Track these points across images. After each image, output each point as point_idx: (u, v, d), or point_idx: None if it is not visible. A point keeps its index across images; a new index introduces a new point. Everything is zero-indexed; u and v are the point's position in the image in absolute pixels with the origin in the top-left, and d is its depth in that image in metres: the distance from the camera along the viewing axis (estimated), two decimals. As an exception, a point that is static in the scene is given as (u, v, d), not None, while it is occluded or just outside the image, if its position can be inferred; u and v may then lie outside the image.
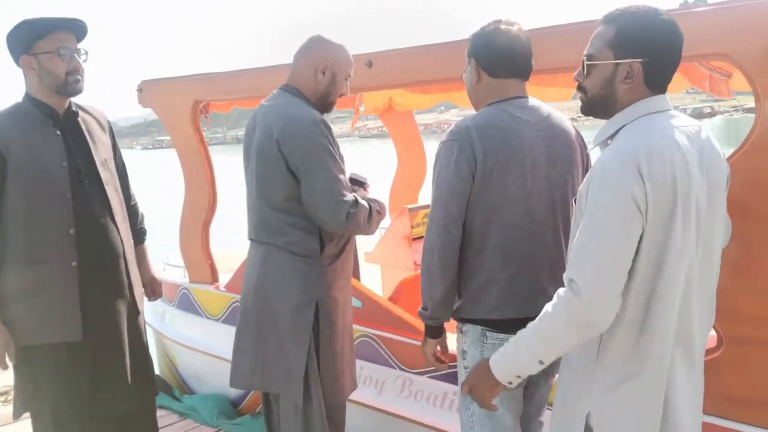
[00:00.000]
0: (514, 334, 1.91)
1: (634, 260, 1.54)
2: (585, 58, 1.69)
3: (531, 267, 2.07)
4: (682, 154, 1.55)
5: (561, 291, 1.59)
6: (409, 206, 4.41)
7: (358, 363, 3.17)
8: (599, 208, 1.54)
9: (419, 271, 3.69)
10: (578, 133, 2.20)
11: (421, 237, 4.44)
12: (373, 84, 3.16)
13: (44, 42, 2.37)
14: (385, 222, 5.18)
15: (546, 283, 2.06)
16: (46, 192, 2.38)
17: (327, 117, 2.54)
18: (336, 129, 2.58)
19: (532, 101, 2.15)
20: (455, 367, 2.27)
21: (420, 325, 3.04)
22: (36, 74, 2.40)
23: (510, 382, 1.73)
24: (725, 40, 2.01)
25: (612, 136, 1.66)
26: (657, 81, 1.64)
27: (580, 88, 1.73)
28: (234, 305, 3.81)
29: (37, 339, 2.41)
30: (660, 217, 1.52)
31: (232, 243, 5.22)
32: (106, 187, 2.54)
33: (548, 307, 1.61)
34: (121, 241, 2.57)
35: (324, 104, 2.53)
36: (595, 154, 1.78)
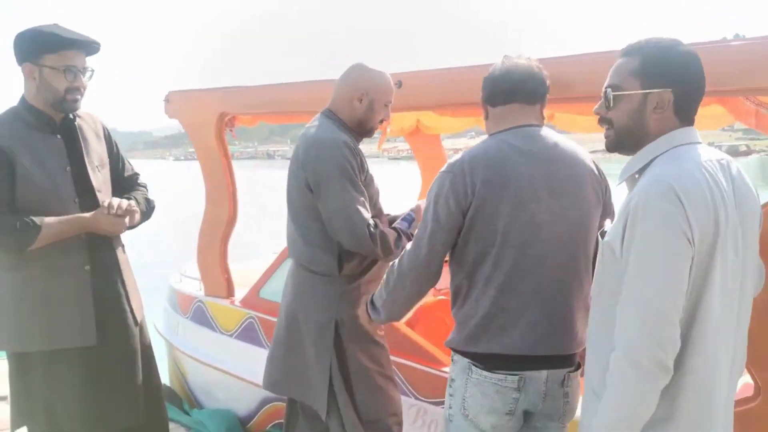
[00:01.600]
0: (501, 373, 1.97)
1: None
2: (609, 88, 1.63)
3: (524, 303, 1.98)
4: (717, 186, 1.49)
5: (619, 350, 1.50)
6: None
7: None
8: (649, 243, 1.46)
9: (439, 297, 3.65)
10: (596, 165, 2.11)
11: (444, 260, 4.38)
12: (402, 105, 3.09)
13: (53, 57, 2.36)
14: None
15: (538, 320, 1.98)
16: (54, 197, 2.38)
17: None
18: (364, 149, 2.55)
19: (539, 130, 2.06)
20: None
21: (440, 355, 2.97)
22: (35, 84, 2.39)
23: None
24: None
25: (641, 170, 1.59)
26: (686, 111, 1.61)
27: (603, 120, 1.67)
28: (248, 321, 3.74)
29: (52, 344, 2.38)
30: (702, 248, 1.46)
31: (247, 258, 5.18)
32: (98, 194, 2.52)
33: (616, 374, 1.51)
34: (119, 248, 2.60)
35: (363, 130, 2.60)
36: (621, 190, 1.70)
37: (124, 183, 2.74)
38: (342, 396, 2.47)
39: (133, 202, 2.56)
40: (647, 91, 1.59)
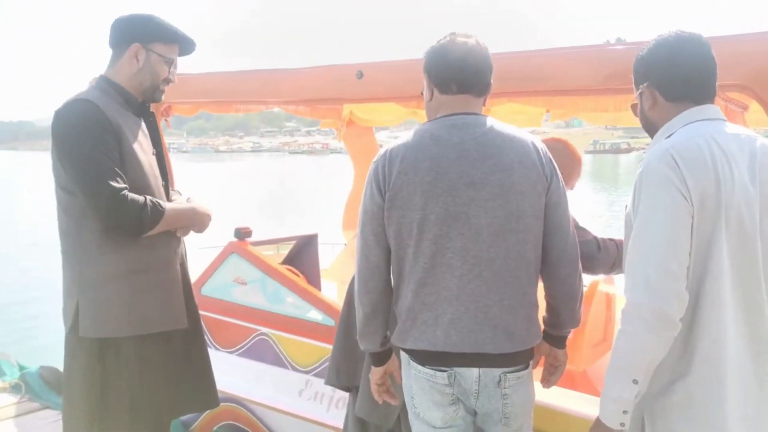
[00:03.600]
0: (430, 368, 1.95)
1: None
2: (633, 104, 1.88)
3: (444, 298, 1.93)
4: (723, 153, 1.58)
5: (626, 305, 1.58)
6: None
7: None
8: (647, 203, 1.57)
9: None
10: (541, 152, 1.98)
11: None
12: (363, 96, 3.05)
13: (164, 46, 2.41)
14: (341, 238, 5.12)
15: (461, 316, 1.92)
16: (151, 178, 2.36)
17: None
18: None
19: (471, 119, 1.97)
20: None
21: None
22: (138, 65, 2.38)
23: (622, 423, 1.65)
24: (743, 71, 2.03)
25: None
26: (681, 93, 1.72)
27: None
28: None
29: (146, 328, 2.33)
30: (705, 212, 1.55)
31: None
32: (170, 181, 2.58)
33: (623, 326, 1.59)
34: None
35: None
36: None
37: None
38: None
39: None
40: (639, 92, 1.78)
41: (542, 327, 2.10)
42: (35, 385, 4.34)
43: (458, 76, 1.98)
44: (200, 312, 3.48)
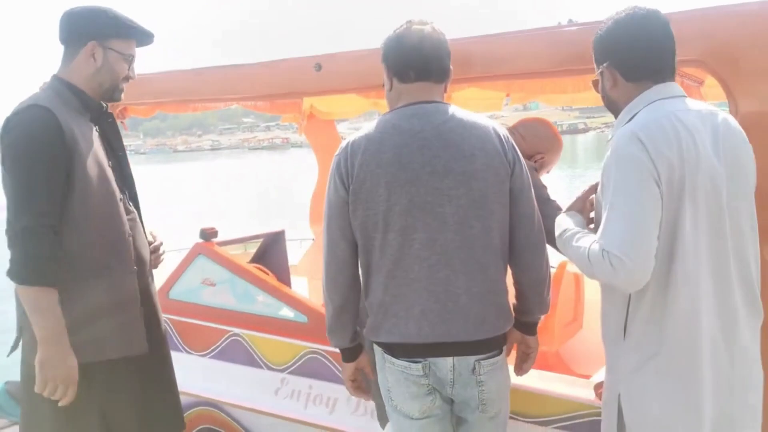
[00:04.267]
0: (405, 360, 1.96)
1: None
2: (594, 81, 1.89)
3: (414, 289, 1.93)
4: (687, 130, 1.60)
5: (596, 251, 1.59)
6: None
7: (307, 382, 3.03)
8: (616, 182, 1.59)
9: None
10: (503, 138, 1.99)
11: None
12: (321, 88, 3.01)
13: (121, 42, 2.26)
14: (310, 233, 5.09)
15: (432, 307, 1.93)
16: (106, 192, 2.19)
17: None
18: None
19: (432, 107, 1.96)
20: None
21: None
22: (95, 65, 2.22)
23: None
24: (700, 46, 2.04)
25: None
26: (640, 73, 1.73)
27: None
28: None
29: (104, 354, 2.18)
30: (672, 190, 1.58)
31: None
32: (136, 187, 2.43)
33: (587, 250, 1.62)
34: (147, 243, 2.45)
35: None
36: None
37: None
38: None
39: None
40: (599, 72, 1.80)
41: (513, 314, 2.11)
42: (2, 402, 4.22)
43: (415, 63, 1.97)
44: (169, 316, 3.46)
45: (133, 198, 2.39)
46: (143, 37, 2.34)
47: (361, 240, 1.97)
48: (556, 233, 1.79)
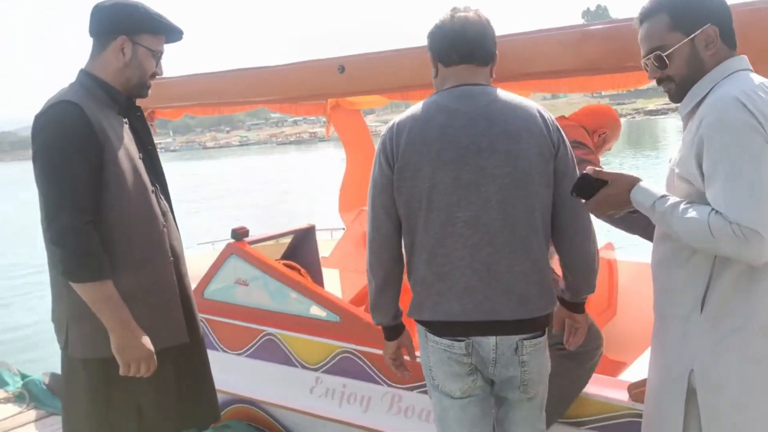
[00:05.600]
0: (448, 339, 1.98)
1: None
2: (655, 54, 1.72)
3: (457, 267, 1.95)
4: None
5: (720, 223, 1.51)
6: (366, 207, 4.31)
7: (341, 380, 3.06)
8: (729, 149, 1.53)
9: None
10: (547, 120, 2.00)
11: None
12: (346, 90, 3.02)
13: (151, 38, 2.23)
14: (340, 223, 5.11)
15: (475, 285, 1.94)
16: (138, 185, 2.19)
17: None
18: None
19: (478, 89, 1.99)
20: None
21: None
22: (124, 59, 2.20)
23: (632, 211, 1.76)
24: None
25: (701, 101, 1.68)
26: (731, 37, 1.70)
27: (663, 80, 1.76)
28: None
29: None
30: None
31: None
32: (166, 181, 2.42)
33: (705, 223, 1.54)
34: (180, 237, 2.45)
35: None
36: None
37: None
38: None
39: None
40: (692, 36, 1.68)
41: (559, 294, 2.14)
42: (39, 393, 4.35)
43: (458, 46, 2.00)
44: (205, 316, 3.52)
45: (165, 191, 2.39)
46: (172, 34, 2.31)
47: (405, 218, 2.00)
48: (646, 204, 1.68)
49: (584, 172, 1.82)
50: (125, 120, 2.27)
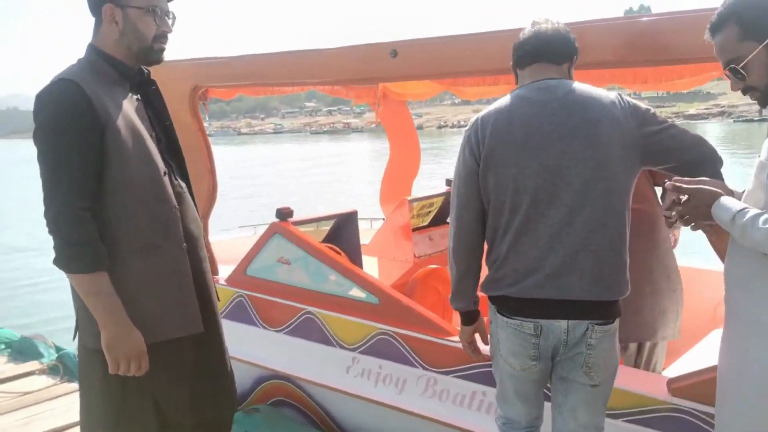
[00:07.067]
0: (518, 319, 2.06)
1: None
2: (731, 67, 1.69)
3: (539, 247, 2.03)
4: None
5: None
6: (409, 197, 4.35)
7: (377, 362, 3.11)
8: None
9: (432, 266, 3.67)
10: (627, 107, 2.06)
11: (421, 228, 4.41)
12: (398, 74, 3.06)
13: None
14: (379, 213, 5.16)
15: (555, 265, 2.01)
16: (147, 166, 2.04)
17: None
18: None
19: (556, 81, 2.10)
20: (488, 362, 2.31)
21: (441, 322, 3.00)
22: (118, 29, 2.04)
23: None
24: None
25: None
26: None
27: (747, 90, 1.72)
28: (237, 300, 3.65)
29: (159, 335, 2.06)
30: None
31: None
32: (184, 159, 2.28)
33: None
34: (199, 219, 2.31)
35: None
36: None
37: None
38: None
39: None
40: (766, 42, 1.63)
41: None
42: (73, 366, 4.38)
43: (529, 48, 2.14)
44: (246, 292, 3.60)
45: (182, 170, 2.25)
46: None
47: (492, 203, 2.10)
48: (725, 219, 1.64)
49: (664, 185, 1.80)
50: (137, 96, 2.13)
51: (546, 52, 2.13)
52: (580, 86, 2.10)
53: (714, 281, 2.55)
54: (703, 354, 2.93)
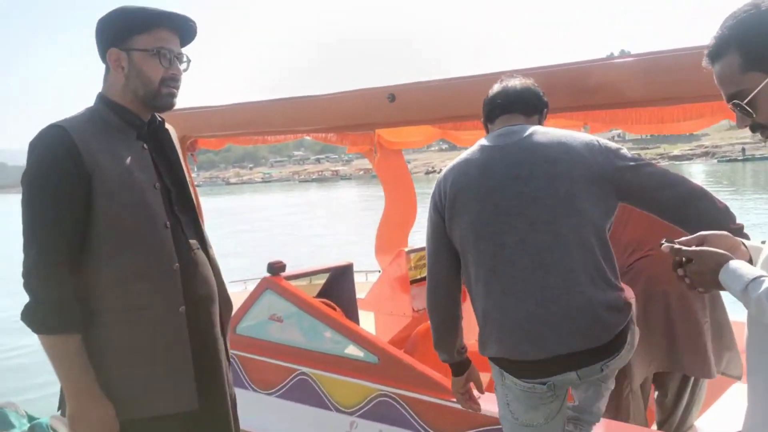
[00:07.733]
0: (528, 381, 1.96)
1: None
2: (735, 102, 1.42)
3: (509, 294, 1.93)
4: None
5: None
6: (406, 248, 4.20)
7: (377, 426, 2.90)
8: None
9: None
10: (592, 143, 1.96)
11: (419, 280, 4.25)
12: (396, 119, 2.94)
13: (144, 37, 1.91)
14: (374, 266, 5.00)
15: (532, 312, 1.90)
16: (143, 220, 1.88)
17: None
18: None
19: (517, 127, 2.05)
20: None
21: (446, 381, 2.81)
22: (123, 74, 1.92)
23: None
24: None
25: None
26: None
27: (755, 127, 1.45)
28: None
29: (144, 411, 1.85)
30: None
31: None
32: (197, 212, 2.11)
33: None
34: (215, 278, 2.09)
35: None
36: None
37: None
38: None
39: None
40: None
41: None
42: None
43: (499, 102, 2.14)
44: (236, 352, 3.39)
45: (194, 225, 2.06)
46: (171, 21, 1.96)
47: (462, 255, 2.06)
48: (736, 288, 1.37)
49: (662, 246, 1.51)
50: (144, 145, 1.98)
51: (515, 104, 2.13)
52: (544, 129, 2.06)
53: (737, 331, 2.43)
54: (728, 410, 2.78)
